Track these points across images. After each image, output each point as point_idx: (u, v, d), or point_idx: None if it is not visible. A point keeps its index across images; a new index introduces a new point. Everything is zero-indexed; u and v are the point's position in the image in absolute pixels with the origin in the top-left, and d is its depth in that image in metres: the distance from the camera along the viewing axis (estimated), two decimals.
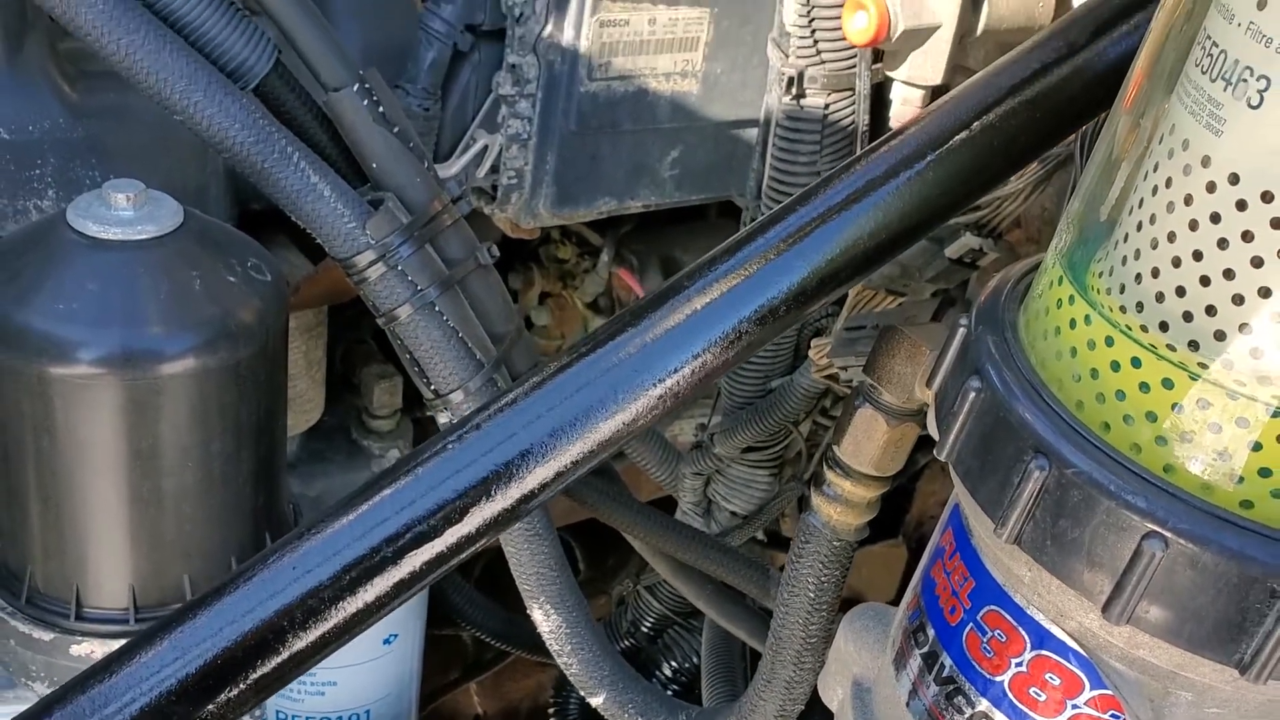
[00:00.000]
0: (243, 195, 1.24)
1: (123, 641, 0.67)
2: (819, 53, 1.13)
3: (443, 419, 1.05)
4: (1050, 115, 0.76)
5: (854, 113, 1.15)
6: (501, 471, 0.65)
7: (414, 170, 0.99)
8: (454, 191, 1.04)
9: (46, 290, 0.85)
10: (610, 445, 0.67)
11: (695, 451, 1.45)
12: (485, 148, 1.26)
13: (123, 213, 0.88)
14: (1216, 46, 0.57)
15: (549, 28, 1.20)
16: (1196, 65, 0.59)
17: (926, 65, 1.05)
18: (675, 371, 0.68)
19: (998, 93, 0.75)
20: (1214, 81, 0.57)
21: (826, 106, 1.15)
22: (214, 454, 0.90)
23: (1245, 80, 0.56)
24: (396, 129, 0.99)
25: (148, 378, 0.85)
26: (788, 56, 1.16)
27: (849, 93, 1.15)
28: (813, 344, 1.24)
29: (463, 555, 0.65)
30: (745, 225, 1.30)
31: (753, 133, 1.37)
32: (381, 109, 0.98)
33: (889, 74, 1.09)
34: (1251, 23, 0.55)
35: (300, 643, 0.63)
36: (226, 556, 0.96)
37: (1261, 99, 0.55)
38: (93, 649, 0.94)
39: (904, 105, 1.09)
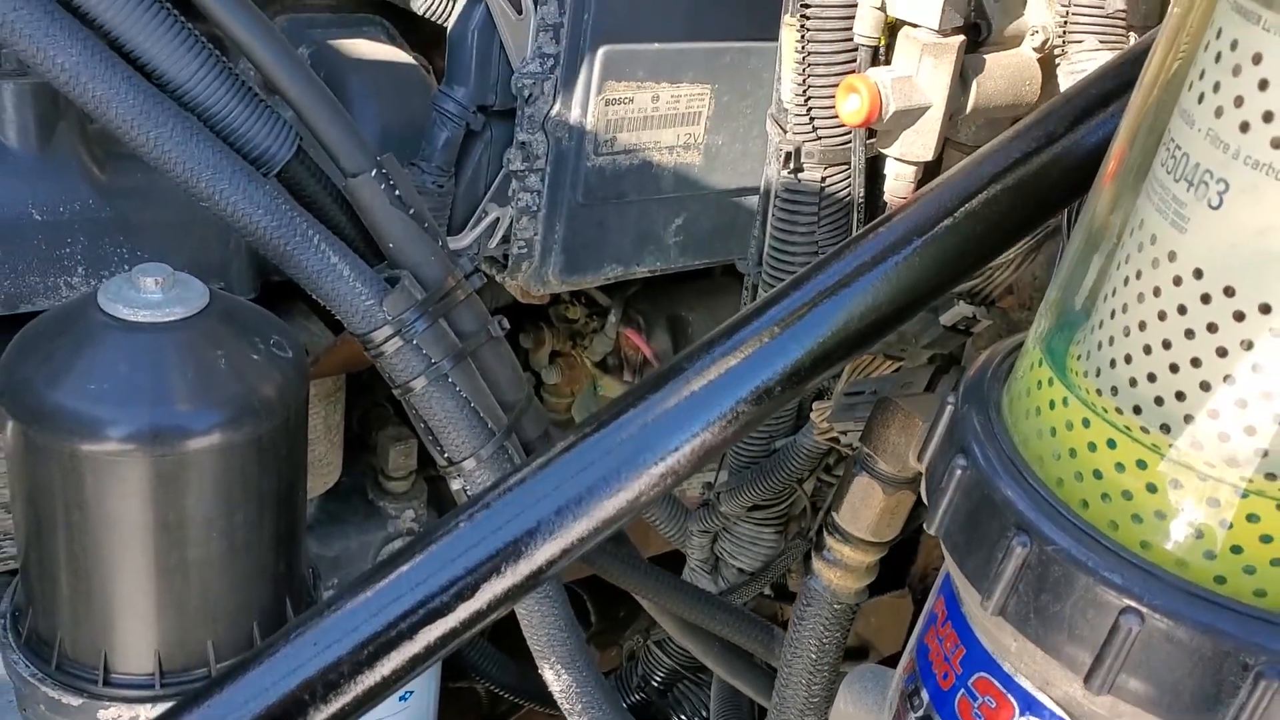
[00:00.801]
0: (265, 268, 1.29)
1: (148, 706, 0.71)
2: (815, 129, 1.17)
3: (456, 485, 1.08)
4: (1031, 201, 0.80)
5: (850, 186, 1.19)
6: (510, 548, 0.68)
7: (428, 249, 1.04)
8: (466, 267, 1.08)
9: (78, 371, 0.89)
10: (615, 522, 0.71)
11: (702, 509, 1.48)
12: (497, 220, 1.31)
13: (151, 295, 0.92)
14: (1180, 149, 0.61)
15: (557, 107, 1.25)
16: (1162, 165, 0.63)
17: (918, 143, 1.09)
18: (675, 451, 0.71)
19: (980, 181, 0.79)
20: (1178, 182, 0.61)
21: (823, 180, 1.19)
22: (237, 524, 0.94)
23: (1206, 183, 0.59)
24: (412, 210, 1.03)
25: (174, 453, 0.89)
26: (785, 132, 1.20)
27: (845, 167, 1.19)
28: (815, 406, 1.27)
29: (475, 628, 0.68)
30: (747, 290, 1.34)
31: (754, 200, 1.41)
32: (398, 192, 1.02)
33: (883, 150, 1.13)
34: (1210, 129, 0.59)
35: (321, 714, 0.67)
36: (249, 622, 1.00)
37: (1221, 200, 0.59)
38: (120, 714, 0.97)
39: (897, 180, 1.13)
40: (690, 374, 0.74)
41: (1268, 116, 0.56)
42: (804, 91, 1.17)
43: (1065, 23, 1.07)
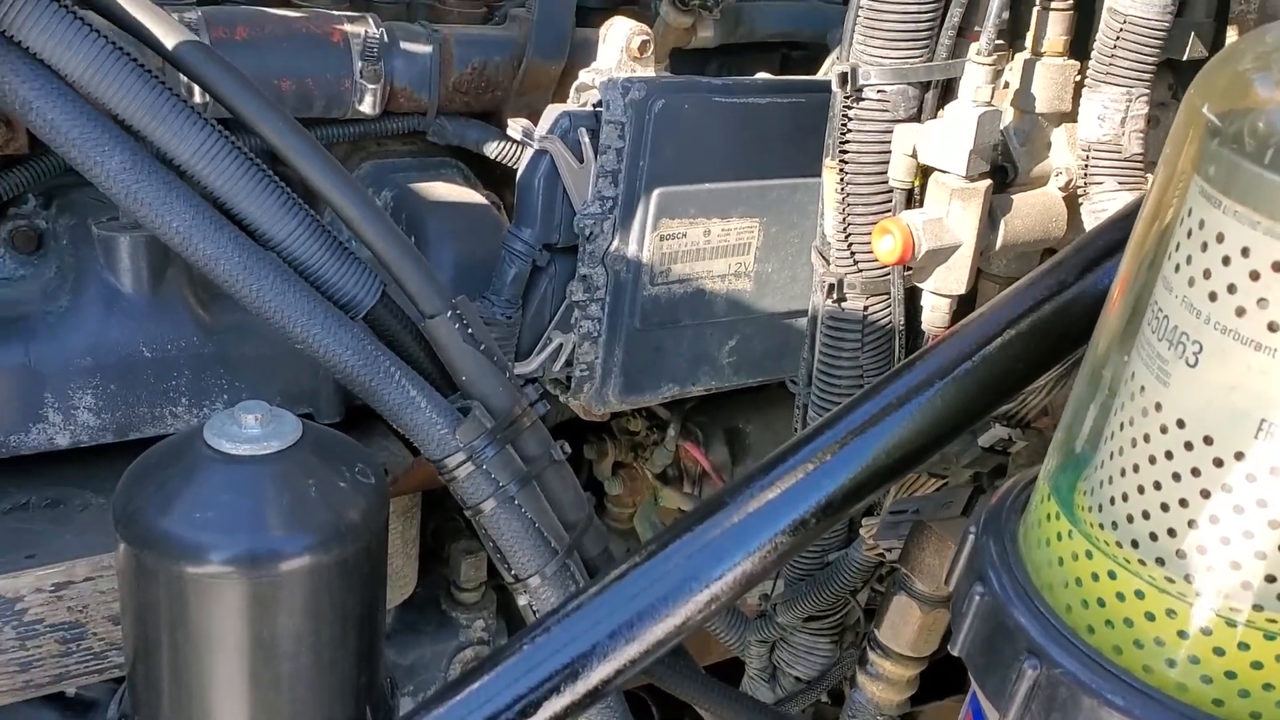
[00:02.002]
0: (349, 394, 1.40)
1: None
2: (856, 263, 1.26)
3: (522, 600, 1.16)
4: (1044, 345, 0.87)
5: (891, 315, 1.27)
6: (568, 669, 0.76)
7: (498, 381, 1.13)
8: (532, 396, 1.18)
9: (185, 500, 0.99)
10: (664, 644, 0.78)
11: (760, 620, 1.54)
12: (560, 345, 1.41)
13: (251, 430, 1.03)
14: (1162, 311, 0.69)
15: (615, 243, 1.36)
16: (1149, 324, 0.70)
17: (951, 278, 1.17)
18: (718, 580, 0.79)
19: (996, 326, 0.87)
20: (1160, 340, 0.68)
21: (865, 309, 1.27)
22: (324, 641, 1.02)
23: (1183, 343, 0.67)
24: (482, 346, 1.13)
25: (269, 576, 0.98)
26: (829, 264, 1.29)
27: (885, 297, 1.27)
28: (864, 523, 1.33)
29: None
30: (798, 409, 1.42)
31: (804, 321, 1.49)
32: (470, 330, 1.13)
33: (918, 284, 1.21)
34: (1185, 296, 0.66)
35: None
36: None
37: (1196, 360, 0.66)
38: None
39: (934, 311, 1.21)
40: (731, 508, 0.81)
41: (1231, 289, 0.63)
42: (845, 228, 1.26)
43: (1086, 166, 1.15)
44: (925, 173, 1.19)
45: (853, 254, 1.26)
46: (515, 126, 1.36)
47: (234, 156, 1.04)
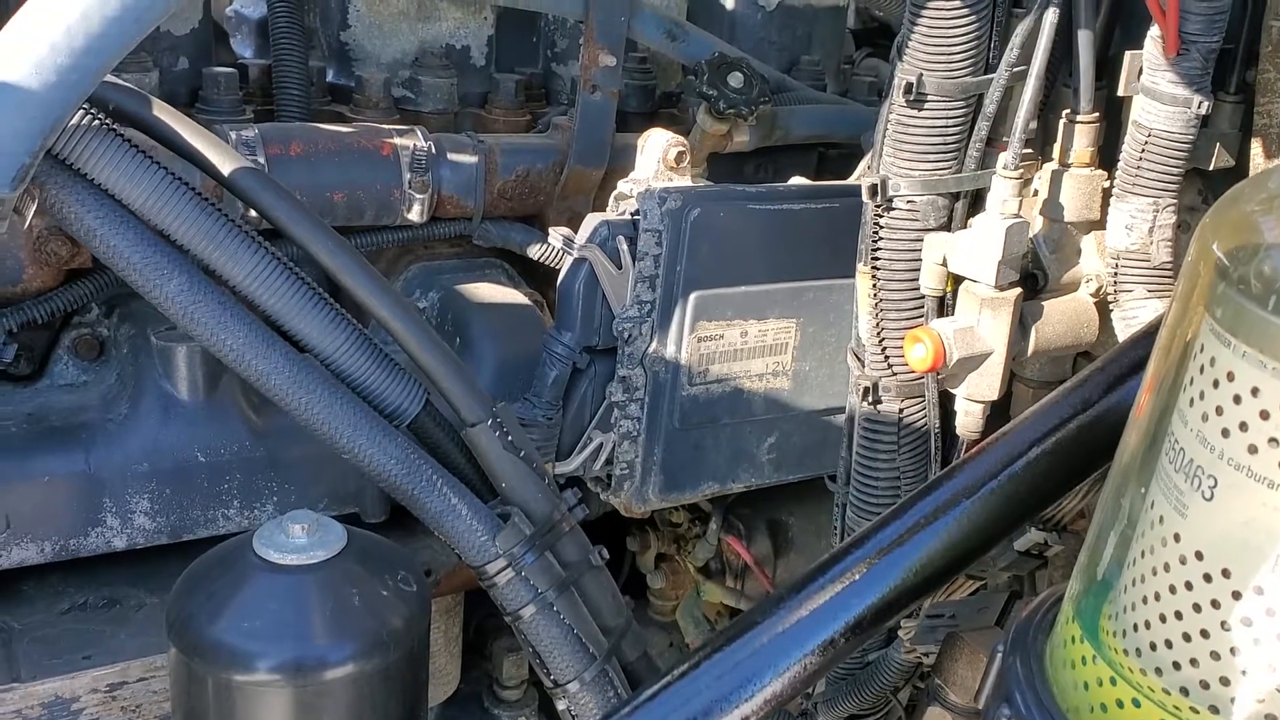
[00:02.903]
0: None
1: None
2: (890, 366, 1.28)
3: (561, 705, 1.18)
4: (1070, 463, 0.89)
5: (926, 418, 1.29)
6: None
7: (537, 488, 1.16)
8: (570, 501, 1.20)
9: (234, 609, 1.03)
10: None
11: (802, 719, 1.54)
12: (601, 445, 1.43)
13: (298, 540, 1.06)
14: (1178, 443, 0.70)
15: (654, 345, 1.39)
16: (1166, 454, 0.71)
17: (983, 385, 1.18)
18: (748, 700, 0.80)
19: (1022, 445, 0.88)
20: (1178, 472, 0.70)
21: (900, 411, 1.29)
22: None
23: (1199, 477, 0.68)
24: (522, 453, 1.16)
25: (314, 684, 1.01)
26: (864, 366, 1.31)
27: (920, 399, 1.29)
28: (903, 625, 1.34)
29: None
30: (837, 506, 1.43)
31: (842, 417, 1.51)
32: (510, 437, 1.16)
33: (951, 390, 1.23)
34: (1199, 431, 0.68)
35: None
36: None
37: (1212, 494, 0.67)
38: None
39: (967, 416, 1.22)
40: (761, 629, 0.83)
41: (1243, 426, 0.65)
42: (878, 333, 1.28)
43: (1116, 273, 1.17)
44: (956, 280, 1.21)
45: (887, 358, 1.28)
46: (556, 235, 1.40)
47: (284, 276, 1.09)
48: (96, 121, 1.01)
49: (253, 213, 1.15)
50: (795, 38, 1.91)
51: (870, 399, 1.30)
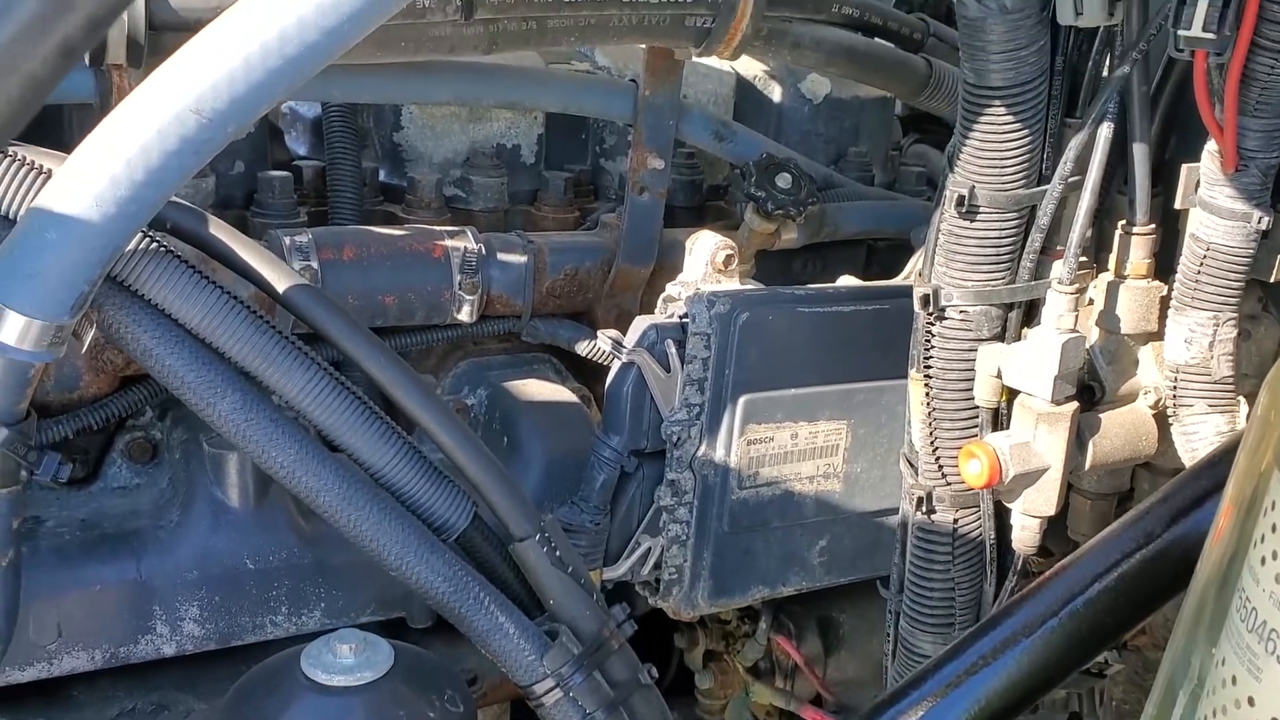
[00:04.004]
0: None
1: None
2: (944, 476, 1.26)
3: None
4: (1132, 599, 0.86)
5: (981, 529, 1.26)
6: None
7: (585, 605, 1.15)
8: (619, 617, 1.19)
9: None
10: None
11: None
12: (649, 550, 1.42)
13: (345, 660, 1.05)
14: (1249, 602, 0.68)
15: (703, 448, 1.38)
16: (1237, 611, 0.69)
17: (1039, 500, 1.16)
18: None
19: (1082, 581, 0.86)
20: (1250, 632, 0.67)
21: (955, 522, 1.27)
22: None
23: (1273, 639, 0.65)
24: (570, 569, 1.15)
25: None
26: (918, 475, 1.29)
27: (975, 510, 1.27)
28: None
29: None
30: (891, 614, 1.40)
31: (894, 519, 1.48)
32: (558, 553, 1.15)
33: (1007, 504, 1.20)
34: (1273, 592, 0.66)
35: None
36: None
37: None
38: None
39: (1024, 531, 1.20)
40: None
41: None
42: (932, 442, 1.26)
43: (1175, 387, 1.14)
44: (1011, 391, 1.19)
45: (941, 467, 1.26)
46: (605, 338, 1.40)
47: (335, 391, 1.09)
48: (154, 244, 1.03)
49: None
50: (842, 129, 1.91)
51: (924, 508, 1.28)
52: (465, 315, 1.52)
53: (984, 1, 1.06)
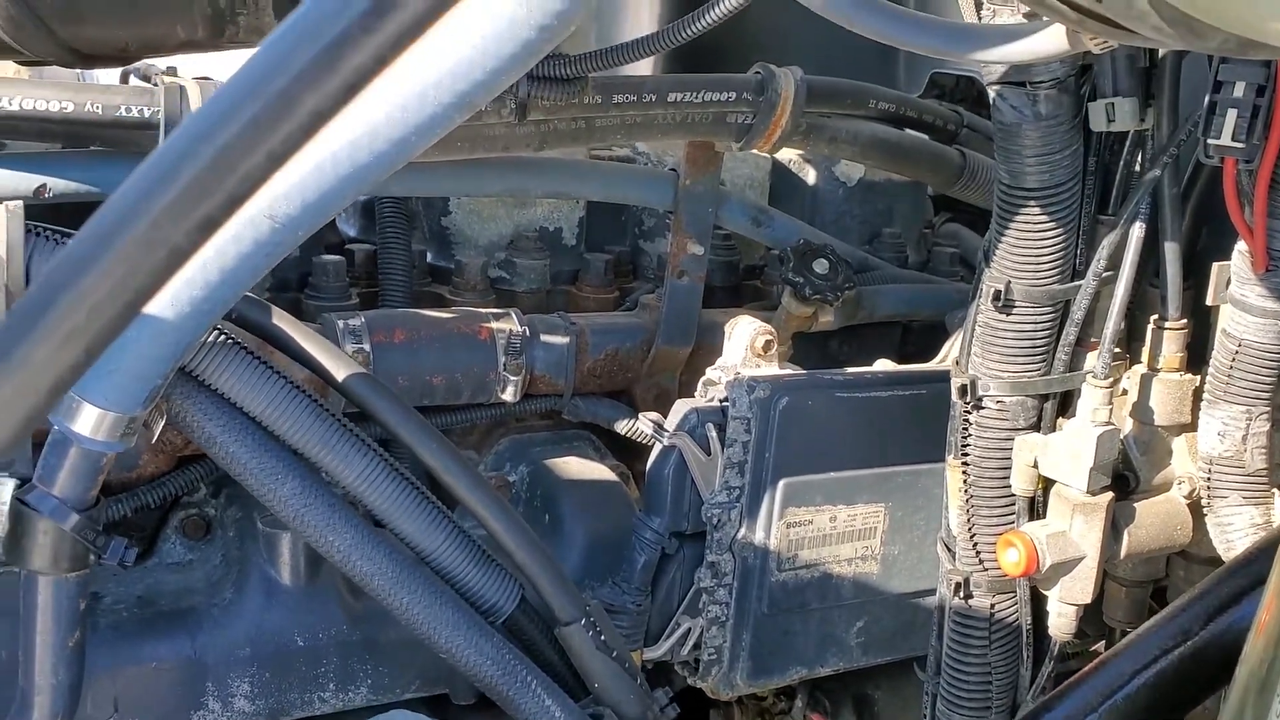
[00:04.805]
0: None
1: None
2: (981, 561, 1.28)
3: None
4: (1171, 697, 0.88)
5: (1018, 614, 1.28)
6: None
7: (630, 689, 1.18)
8: (662, 700, 1.21)
9: None
10: None
11: None
12: (689, 630, 1.44)
13: None
14: None
15: (743, 530, 1.40)
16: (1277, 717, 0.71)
17: (1076, 588, 1.18)
18: None
19: (1121, 677, 0.88)
20: None
21: (992, 607, 1.29)
22: None
23: None
24: (615, 654, 1.18)
25: None
26: (954, 559, 1.31)
27: (1012, 595, 1.29)
28: None
29: None
30: (927, 695, 1.41)
31: (931, 599, 1.50)
32: (603, 637, 1.18)
33: (1043, 591, 1.22)
34: None
35: None
36: None
37: None
38: None
39: (1060, 618, 1.21)
40: None
41: None
42: (970, 529, 1.28)
43: (1209, 478, 1.16)
44: (1047, 480, 1.22)
45: (978, 553, 1.28)
46: (646, 421, 1.43)
47: (390, 478, 1.13)
48: (222, 337, 1.07)
49: None
50: (876, 211, 1.95)
51: (962, 593, 1.30)
52: (509, 395, 1.56)
53: (1019, 108, 1.10)
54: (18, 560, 1.06)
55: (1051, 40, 0.90)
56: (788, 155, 1.91)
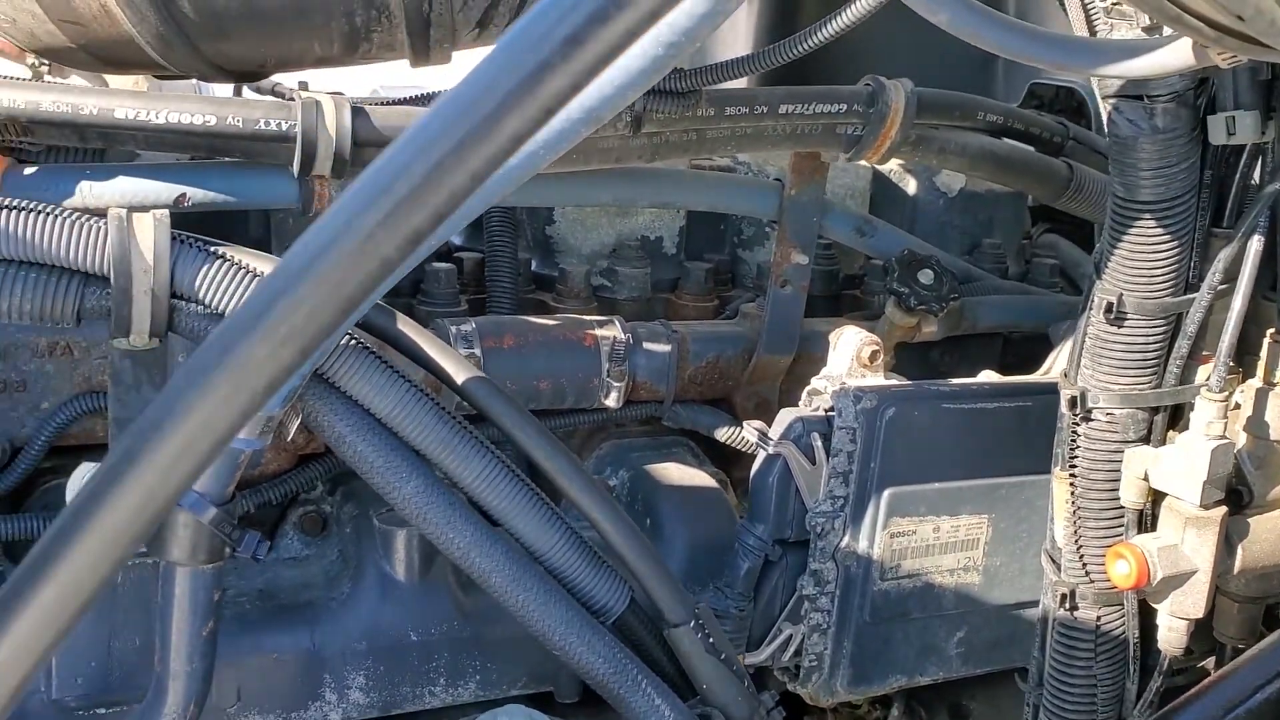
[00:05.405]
0: None
1: None
2: (1088, 574, 1.28)
3: None
4: None
5: (1125, 627, 1.27)
6: None
7: (738, 691, 1.20)
8: (768, 703, 1.23)
9: None
10: None
11: None
12: (790, 637, 1.46)
13: None
14: None
15: (846, 539, 1.41)
16: None
17: (1188, 602, 1.17)
18: None
19: (1243, 692, 0.88)
20: None
21: (1098, 619, 1.28)
22: None
23: None
24: (723, 656, 1.20)
25: None
26: (1060, 571, 1.31)
27: (1119, 608, 1.28)
28: None
29: None
30: (1029, 707, 1.41)
31: (1032, 611, 1.50)
32: (711, 640, 1.20)
33: (1154, 605, 1.22)
34: None
35: None
36: None
37: None
38: None
39: (1171, 632, 1.21)
40: None
41: None
42: (1076, 541, 1.28)
43: None
44: (1157, 493, 1.21)
45: (1085, 565, 1.28)
46: (751, 429, 1.45)
47: (508, 479, 1.17)
48: (353, 341, 1.12)
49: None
50: (976, 221, 1.95)
51: (1067, 605, 1.30)
52: (612, 401, 1.60)
53: (1136, 121, 1.10)
54: (157, 551, 1.11)
55: (1176, 55, 0.90)
56: (888, 165, 1.92)
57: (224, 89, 1.61)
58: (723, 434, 1.67)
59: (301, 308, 0.44)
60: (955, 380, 1.52)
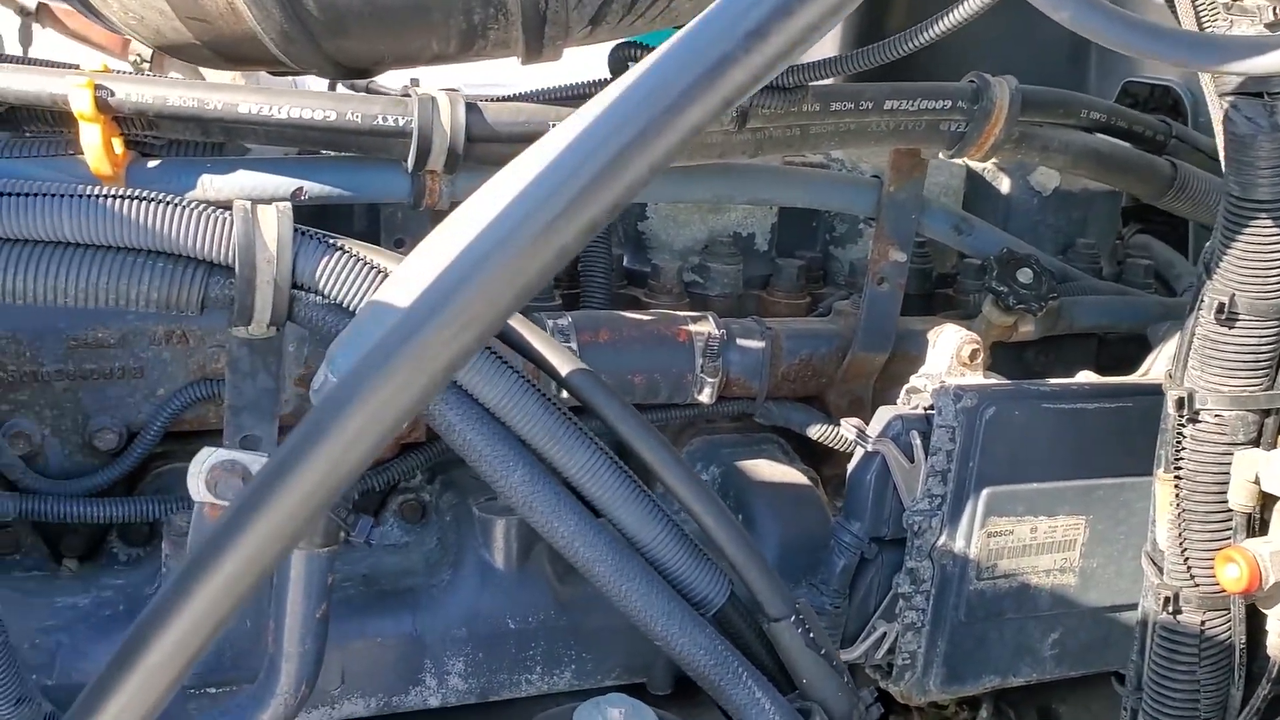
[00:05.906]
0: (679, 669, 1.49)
1: None
2: (1192, 577, 1.26)
3: None
4: None
5: (1231, 632, 1.26)
6: None
7: (837, 686, 1.20)
8: (867, 699, 1.23)
9: None
10: None
11: None
12: (884, 634, 1.46)
13: None
14: None
15: (943, 538, 1.41)
16: None
17: None
18: None
19: None
20: None
21: (1203, 624, 1.26)
22: None
23: None
24: (823, 651, 1.20)
25: None
26: (1162, 574, 1.29)
27: (1224, 612, 1.26)
28: None
29: None
30: (1126, 711, 1.39)
31: (1128, 615, 1.48)
32: (811, 635, 1.20)
33: (1263, 610, 1.20)
34: None
35: None
36: None
37: None
38: None
39: (1278, 637, 1.19)
40: None
41: None
42: (1181, 544, 1.26)
43: None
44: (1267, 497, 1.19)
45: (1189, 569, 1.26)
46: (849, 426, 1.46)
47: (611, 470, 1.18)
48: None
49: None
50: (1070, 221, 1.93)
51: (1170, 608, 1.28)
52: (705, 396, 1.60)
53: (1255, 119, 1.08)
54: None
55: None
56: (982, 164, 1.91)
57: (319, 83, 1.65)
58: (815, 431, 1.67)
59: (482, 295, 0.46)
60: (1054, 380, 1.51)
